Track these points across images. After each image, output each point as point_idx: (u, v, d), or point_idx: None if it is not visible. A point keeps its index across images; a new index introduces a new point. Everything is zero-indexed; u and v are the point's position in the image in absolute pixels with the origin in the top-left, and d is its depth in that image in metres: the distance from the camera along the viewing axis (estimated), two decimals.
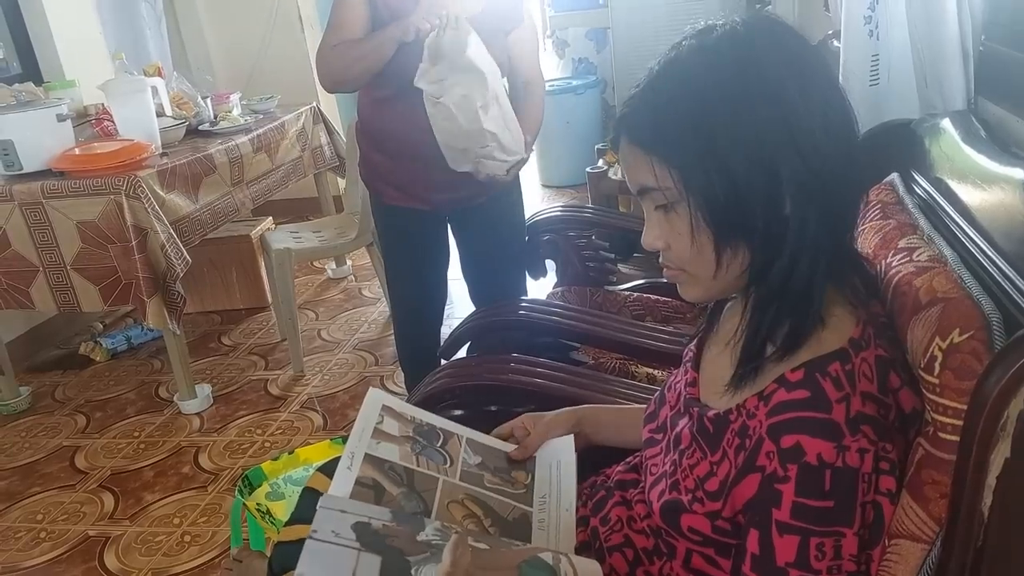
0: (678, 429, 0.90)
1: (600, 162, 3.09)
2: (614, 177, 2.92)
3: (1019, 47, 1.13)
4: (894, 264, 0.89)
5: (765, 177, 0.73)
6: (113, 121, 2.70)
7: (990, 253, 0.85)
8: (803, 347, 0.76)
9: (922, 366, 0.74)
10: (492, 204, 1.98)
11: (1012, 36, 1.16)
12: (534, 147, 1.91)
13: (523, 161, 1.82)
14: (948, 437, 0.69)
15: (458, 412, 1.34)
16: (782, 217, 0.74)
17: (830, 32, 1.95)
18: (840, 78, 1.50)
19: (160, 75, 3.12)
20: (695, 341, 0.97)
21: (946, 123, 1.11)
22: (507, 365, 1.42)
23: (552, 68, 4.95)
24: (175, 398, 2.69)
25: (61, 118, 2.50)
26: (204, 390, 2.69)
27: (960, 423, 0.65)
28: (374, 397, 1.07)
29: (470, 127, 1.68)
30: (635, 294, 1.91)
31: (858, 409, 0.72)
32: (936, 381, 0.71)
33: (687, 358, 0.97)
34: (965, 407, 0.64)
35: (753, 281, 0.79)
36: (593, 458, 1.13)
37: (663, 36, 2.56)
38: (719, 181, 0.74)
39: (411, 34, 1.68)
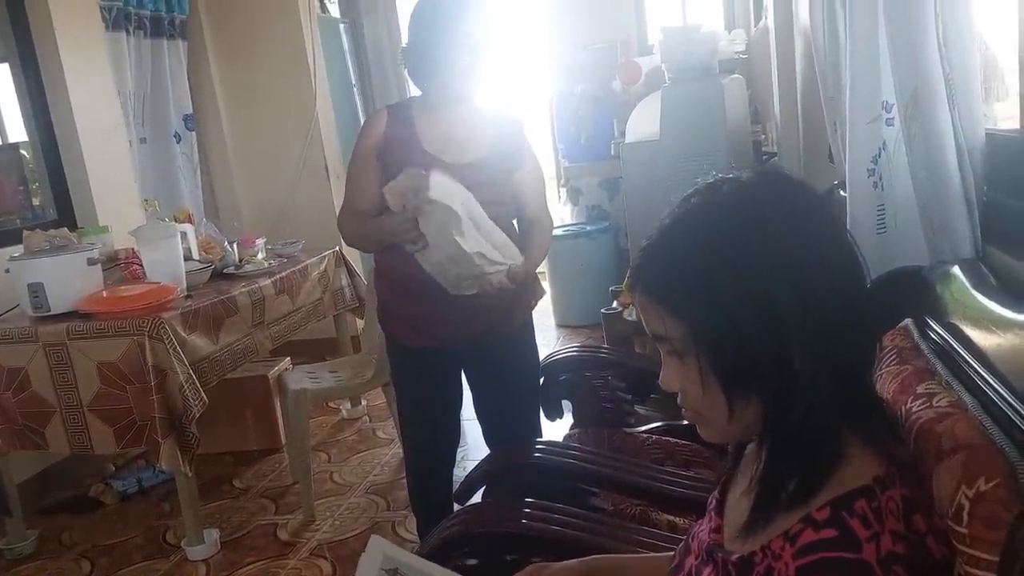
0: None
1: (615, 303, 3.13)
2: (629, 318, 2.95)
3: (1021, 198, 1.16)
4: (914, 410, 0.88)
5: (772, 333, 0.74)
6: (142, 264, 2.79)
7: (1010, 399, 0.84)
8: (820, 492, 0.75)
9: (950, 515, 0.72)
10: (505, 344, 1.99)
11: (1014, 187, 1.20)
12: (549, 289, 1.95)
13: (525, 270, 1.82)
14: None
15: (472, 561, 1.30)
16: (792, 371, 0.75)
17: (835, 182, 2.02)
18: (848, 226, 1.53)
19: (191, 221, 3.24)
20: (718, 488, 0.95)
21: (956, 270, 1.13)
22: (522, 511, 1.38)
23: (566, 214, 5.11)
24: (182, 543, 2.62)
25: (92, 262, 2.58)
26: (212, 535, 2.62)
27: None
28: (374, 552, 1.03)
29: (454, 252, 1.72)
30: (654, 436, 1.89)
31: (889, 548, 0.69)
32: (966, 531, 0.70)
33: (711, 505, 0.95)
34: (998, 559, 0.62)
35: (768, 427, 0.79)
36: None
37: (673, 185, 2.66)
38: (726, 336, 0.75)
39: (413, 244, 1.77)
